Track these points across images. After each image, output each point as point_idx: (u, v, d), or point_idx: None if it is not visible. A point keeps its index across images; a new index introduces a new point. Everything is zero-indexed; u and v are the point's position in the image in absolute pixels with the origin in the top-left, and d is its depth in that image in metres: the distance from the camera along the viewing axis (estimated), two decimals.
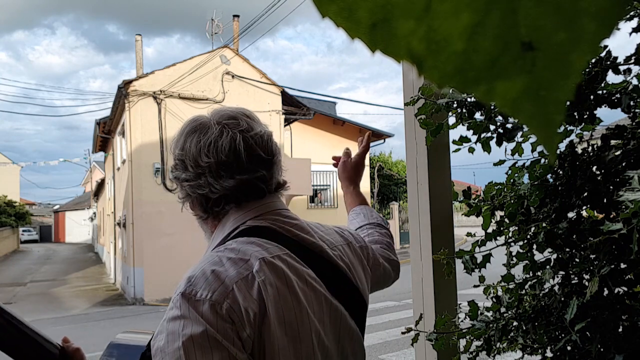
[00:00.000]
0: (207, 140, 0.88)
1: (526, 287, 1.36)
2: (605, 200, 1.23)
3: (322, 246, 0.93)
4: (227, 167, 0.87)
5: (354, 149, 1.47)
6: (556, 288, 1.31)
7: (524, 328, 1.31)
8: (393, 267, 1.19)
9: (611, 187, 1.22)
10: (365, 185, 17.40)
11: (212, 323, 0.72)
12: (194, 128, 0.92)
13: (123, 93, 12.43)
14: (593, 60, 1.23)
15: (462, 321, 1.45)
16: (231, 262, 0.80)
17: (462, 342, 1.45)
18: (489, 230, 1.40)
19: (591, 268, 1.17)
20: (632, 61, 1.21)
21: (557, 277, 1.30)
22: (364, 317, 0.97)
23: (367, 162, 18.11)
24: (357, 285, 0.95)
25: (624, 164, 1.20)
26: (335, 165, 1.46)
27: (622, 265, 1.16)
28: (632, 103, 1.21)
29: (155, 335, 0.77)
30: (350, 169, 1.39)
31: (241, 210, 0.91)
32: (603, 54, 1.22)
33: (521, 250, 1.36)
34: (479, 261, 1.39)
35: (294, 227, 0.92)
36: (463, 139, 1.42)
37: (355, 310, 0.93)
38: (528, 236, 1.34)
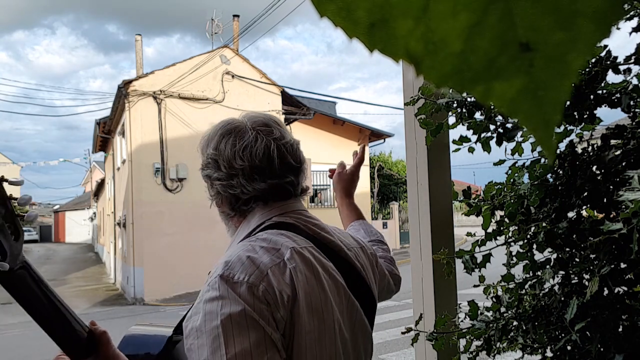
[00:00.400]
0: (242, 144, 0.93)
1: (526, 286, 1.36)
2: (605, 200, 1.23)
3: (340, 245, 0.98)
4: (261, 172, 0.93)
5: (354, 148, 1.48)
6: (556, 288, 1.31)
7: (524, 328, 1.31)
8: (395, 281, 1.24)
9: (611, 187, 1.22)
10: (365, 185, 17.40)
11: (250, 303, 0.76)
12: (229, 130, 0.96)
13: (123, 93, 12.43)
14: (593, 60, 1.23)
15: (462, 321, 1.45)
16: (264, 250, 0.85)
17: (462, 342, 1.45)
18: (489, 230, 1.40)
19: (591, 268, 1.17)
20: (632, 61, 1.21)
21: (557, 276, 1.30)
22: (374, 318, 1.01)
23: (367, 162, 18.08)
24: (370, 286, 1.00)
25: (624, 164, 1.20)
26: (330, 176, 1.49)
27: (622, 265, 1.16)
28: (632, 103, 1.21)
29: (188, 317, 0.81)
30: (345, 180, 1.42)
31: (267, 208, 0.96)
32: (603, 54, 1.22)
33: (521, 250, 1.36)
34: (479, 261, 1.39)
35: (315, 226, 0.97)
36: (463, 139, 1.42)
37: (368, 309, 0.97)
38: (528, 236, 1.34)
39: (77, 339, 0.87)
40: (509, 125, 1.37)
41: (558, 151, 1.31)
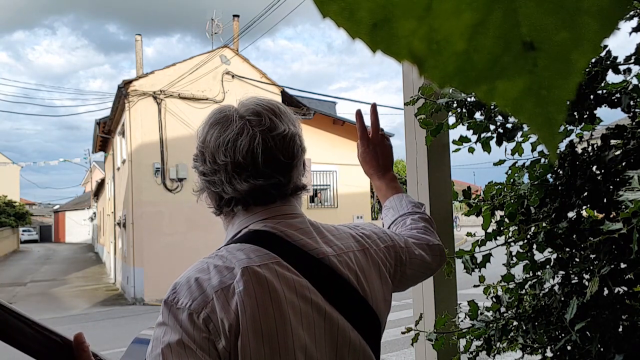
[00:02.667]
0: (226, 137, 0.85)
1: (526, 286, 1.36)
2: (605, 200, 1.23)
3: (325, 252, 0.88)
4: (243, 169, 0.85)
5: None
6: (556, 288, 1.31)
7: (524, 328, 1.31)
8: (433, 253, 1.08)
9: (611, 187, 1.22)
10: (365, 185, 17.40)
11: (188, 332, 0.73)
12: (217, 120, 0.89)
13: (123, 93, 12.43)
14: (593, 60, 1.23)
15: (462, 321, 1.45)
16: (217, 270, 0.79)
17: (462, 342, 1.45)
18: (489, 230, 1.40)
19: (591, 268, 1.17)
20: (632, 61, 1.21)
21: (557, 276, 1.30)
22: (375, 327, 0.91)
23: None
24: (364, 296, 0.89)
25: (623, 164, 1.20)
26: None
27: (622, 265, 1.16)
28: (632, 103, 1.21)
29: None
30: (370, 155, 1.22)
31: (248, 214, 0.89)
32: (603, 54, 1.22)
33: (521, 250, 1.36)
34: (479, 261, 1.39)
35: (297, 232, 0.88)
36: (463, 139, 1.42)
37: (361, 320, 0.88)
38: (528, 236, 1.34)
39: (52, 350, 0.85)
40: (509, 126, 1.37)
41: (558, 151, 1.31)
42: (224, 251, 0.83)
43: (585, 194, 1.25)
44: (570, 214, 1.27)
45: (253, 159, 0.85)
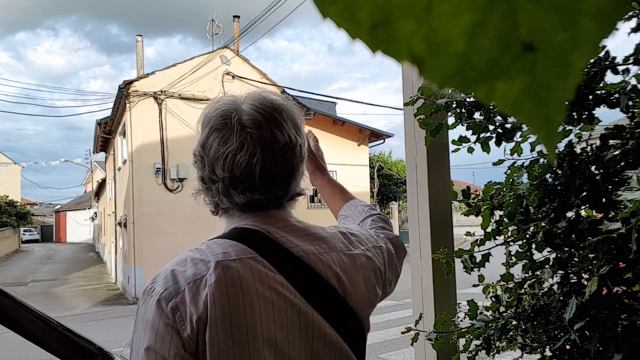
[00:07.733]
0: (226, 151, 0.86)
1: (525, 286, 1.36)
2: (604, 200, 1.23)
3: (305, 250, 0.89)
4: (239, 184, 0.87)
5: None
6: (555, 287, 1.31)
7: (523, 327, 1.31)
8: (395, 245, 1.09)
9: (610, 187, 1.22)
10: (365, 185, 17.39)
11: (156, 318, 0.78)
12: (218, 127, 0.88)
13: (124, 93, 12.44)
14: (592, 61, 1.23)
15: (461, 320, 1.45)
16: (193, 262, 0.83)
17: (462, 342, 1.46)
18: (488, 229, 1.40)
19: (590, 267, 1.17)
20: (631, 61, 1.21)
21: (556, 276, 1.30)
22: (356, 327, 0.91)
23: (366, 162, 18.03)
24: (344, 295, 0.89)
25: (622, 164, 1.20)
26: None
27: (621, 265, 1.17)
28: (630, 103, 1.21)
29: None
30: (315, 161, 1.31)
31: (240, 215, 0.92)
32: (602, 54, 1.23)
33: (520, 250, 1.36)
34: (478, 260, 1.40)
35: (281, 229, 0.90)
36: (462, 139, 1.42)
37: (339, 319, 0.88)
38: (527, 235, 1.34)
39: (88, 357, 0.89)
40: (508, 126, 1.37)
41: (557, 151, 1.32)
42: (204, 245, 0.87)
43: (584, 193, 1.25)
44: (569, 214, 1.28)
45: (250, 176, 0.86)
